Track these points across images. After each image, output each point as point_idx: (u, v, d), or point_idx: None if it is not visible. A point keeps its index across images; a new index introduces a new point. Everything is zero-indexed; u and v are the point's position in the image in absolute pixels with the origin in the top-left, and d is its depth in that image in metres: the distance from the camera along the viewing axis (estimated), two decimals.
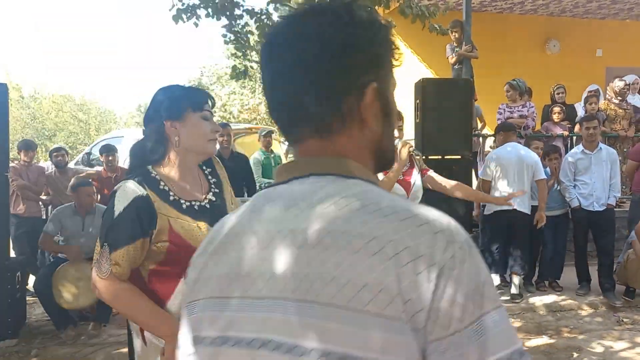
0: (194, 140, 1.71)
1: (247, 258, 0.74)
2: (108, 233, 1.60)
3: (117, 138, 10.10)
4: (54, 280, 4.57)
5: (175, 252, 1.64)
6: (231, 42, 5.70)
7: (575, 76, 9.28)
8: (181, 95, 1.73)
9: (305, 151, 0.79)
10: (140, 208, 1.60)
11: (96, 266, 1.59)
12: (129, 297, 1.62)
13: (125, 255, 1.58)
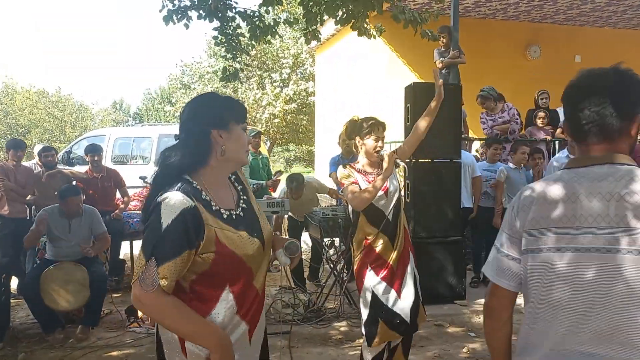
0: (237, 151, 1.75)
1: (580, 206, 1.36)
2: (155, 247, 1.56)
3: (99, 137, 10.01)
4: (42, 283, 4.50)
5: (221, 262, 1.65)
6: (222, 44, 5.67)
7: (555, 81, 9.39)
8: (226, 106, 1.77)
9: (600, 149, 1.42)
10: (188, 220, 1.58)
11: (140, 281, 1.56)
12: (176, 310, 1.59)
13: (173, 268, 1.56)
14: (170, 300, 1.58)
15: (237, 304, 1.69)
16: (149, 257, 1.57)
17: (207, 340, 1.62)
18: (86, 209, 4.99)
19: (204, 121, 1.71)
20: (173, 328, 1.64)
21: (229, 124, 1.73)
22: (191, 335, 1.63)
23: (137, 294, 1.57)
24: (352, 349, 4.36)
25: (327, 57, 13.12)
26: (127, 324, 4.88)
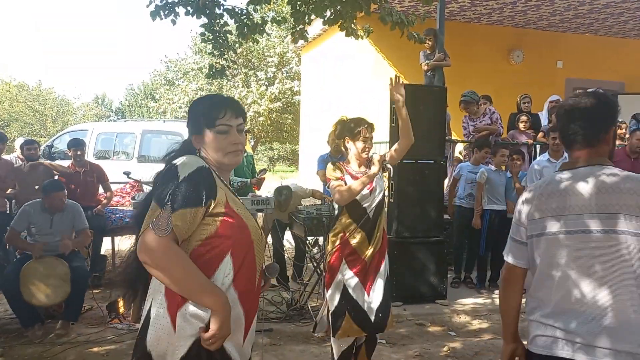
0: (212, 154, 1.80)
1: (569, 199, 1.78)
2: (172, 194, 1.60)
3: (81, 131, 9.90)
4: (22, 278, 4.45)
5: (228, 226, 1.69)
6: (209, 41, 5.65)
7: (537, 86, 9.61)
8: (200, 111, 1.83)
9: (584, 154, 1.86)
10: (204, 177, 1.66)
11: (153, 226, 1.58)
12: (185, 260, 1.60)
13: (186, 217, 1.60)
14: (181, 250, 1.61)
15: (234, 276, 1.70)
16: (164, 204, 1.60)
17: (212, 298, 1.61)
18: (68, 204, 4.95)
19: (189, 128, 1.85)
20: (179, 279, 1.60)
21: (201, 129, 1.80)
22: (196, 289, 1.61)
23: (149, 239, 1.58)
24: None
25: (313, 56, 13.14)
26: (108, 320, 4.85)
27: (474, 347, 4.47)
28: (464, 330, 4.93)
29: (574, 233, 1.76)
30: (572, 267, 1.75)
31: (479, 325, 5.04)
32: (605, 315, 1.68)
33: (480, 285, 5.99)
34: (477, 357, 4.28)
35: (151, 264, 1.59)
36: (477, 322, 5.11)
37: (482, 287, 5.98)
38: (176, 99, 21.83)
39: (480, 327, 5.00)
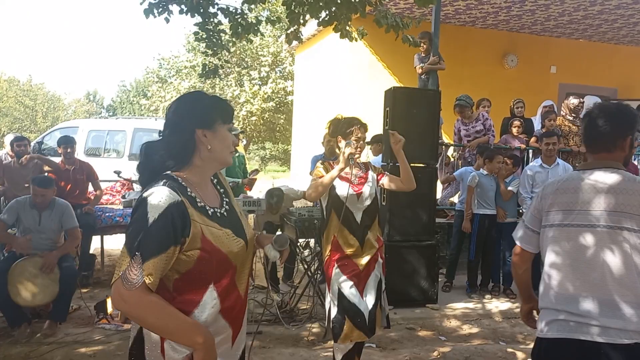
0: (221, 151, 1.75)
1: (581, 195, 2.03)
2: (141, 242, 1.53)
3: (72, 128, 9.82)
4: (10, 277, 4.39)
5: (206, 259, 1.63)
6: (203, 40, 5.61)
7: (531, 90, 9.65)
8: (212, 105, 1.76)
9: (601, 157, 2.09)
10: (175, 215, 1.57)
11: (123, 279, 1.52)
12: (159, 308, 1.55)
13: (158, 264, 1.53)
14: (154, 298, 1.55)
15: (220, 303, 1.68)
16: (133, 253, 1.53)
17: (190, 338, 1.58)
18: (58, 202, 4.88)
19: (190, 120, 1.71)
20: (156, 327, 1.59)
21: (215, 123, 1.73)
22: (174, 333, 1.59)
23: (120, 292, 1.52)
24: (324, 350, 4.37)
25: (307, 57, 13.11)
26: (96, 320, 4.79)
27: (464, 352, 4.46)
28: (454, 335, 4.93)
29: (583, 227, 2.01)
30: (578, 257, 2.01)
31: (469, 330, 5.04)
32: (608, 299, 1.92)
33: (470, 290, 5.98)
34: None
35: (125, 313, 1.59)
36: (467, 327, 5.11)
37: (472, 291, 5.97)
38: (168, 96, 21.71)
39: (471, 332, 4.99)
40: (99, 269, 6.66)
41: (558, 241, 2.06)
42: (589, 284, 1.96)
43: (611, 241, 1.95)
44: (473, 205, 5.93)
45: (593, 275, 1.96)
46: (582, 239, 2.00)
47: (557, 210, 2.09)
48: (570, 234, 2.03)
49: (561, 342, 1.98)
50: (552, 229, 2.10)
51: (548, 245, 2.11)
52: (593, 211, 2.00)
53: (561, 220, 2.07)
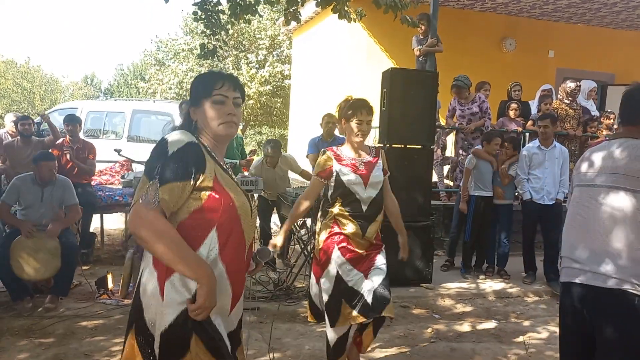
0: (207, 124, 1.87)
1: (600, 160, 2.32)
2: (160, 169, 1.67)
3: (71, 109, 9.82)
4: (12, 252, 4.46)
5: (214, 200, 1.74)
6: (201, 20, 5.62)
7: (528, 74, 9.67)
8: (197, 84, 1.91)
9: (627, 129, 2.34)
10: (192, 152, 1.72)
11: (143, 198, 1.65)
12: (172, 233, 1.65)
13: (173, 190, 1.66)
14: (167, 223, 1.66)
15: (219, 248, 1.75)
16: (152, 177, 1.67)
17: (197, 270, 1.66)
18: (60, 179, 4.94)
19: (190, 102, 1.93)
20: (164, 252, 1.65)
21: (200, 100, 1.87)
22: (181, 262, 1.65)
23: (138, 211, 1.64)
24: (319, 326, 4.45)
25: (305, 39, 13.08)
26: (97, 296, 4.88)
27: (457, 329, 4.56)
28: (448, 314, 5.02)
29: (591, 186, 2.31)
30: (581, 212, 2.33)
31: (462, 309, 5.14)
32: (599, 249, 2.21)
33: (465, 270, 6.07)
34: (460, 338, 4.37)
35: (139, 235, 1.64)
36: (461, 306, 5.21)
37: (467, 272, 6.05)
38: (166, 79, 21.62)
39: (464, 311, 5.09)
40: (99, 247, 6.74)
41: (574, 199, 2.40)
42: (585, 235, 2.29)
43: (609, 198, 2.22)
44: (470, 187, 6.00)
45: (590, 228, 2.27)
46: (586, 196, 2.32)
47: (579, 172, 2.41)
48: (581, 192, 2.36)
49: (566, 285, 2.35)
50: (576, 188, 2.42)
51: (569, 203, 2.48)
52: (602, 173, 2.28)
53: (579, 181, 2.39)
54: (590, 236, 2.26)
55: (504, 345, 4.19)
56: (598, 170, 2.30)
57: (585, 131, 7.53)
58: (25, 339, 3.96)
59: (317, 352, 3.89)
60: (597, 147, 2.40)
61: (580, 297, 2.27)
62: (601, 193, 2.25)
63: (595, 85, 8.35)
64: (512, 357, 3.95)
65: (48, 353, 3.72)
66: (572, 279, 2.31)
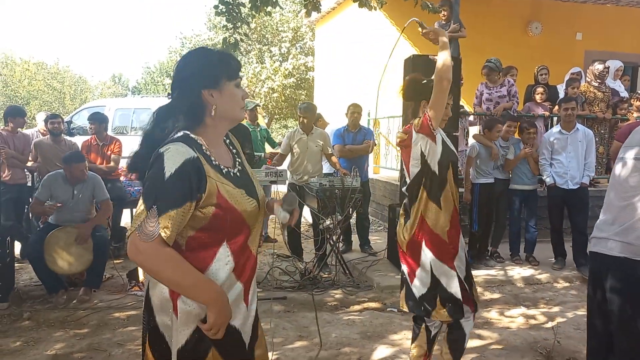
0: (230, 109, 1.73)
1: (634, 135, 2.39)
2: (158, 195, 1.53)
3: (99, 107, 10.04)
4: (46, 246, 4.61)
5: (221, 216, 1.63)
6: (223, 14, 5.67)
7: (556, 58, 9.46)
8: (217, 62, 1.70)
9: None
10: (191, 170, 1.56)
11: (139, 230, 1.51)
12: (175, 262, 1.55)
13: (174, 218, 1.52)
14: (169, 251, 1.55)
15: (234, 262, 1.68)
16: (150, 206, 1.52)
17: (204, 294, 1.59)
18: (90, 176, 5.07)
19: (196, 81, 1.68)
20: (170, 280, 1.58)
21: (221, 82, 1.69)
22: (188, 288, 1.58)
23: (136, 243, 1.52)
24: (345, 314, 4.49)
25: (327, 30, 13.06)
26: (129, 288, 5.00)
27: (485, 316, 4.54)
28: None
29: (623, 160, 2.36)
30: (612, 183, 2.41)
31: (490, 296, 5.10)
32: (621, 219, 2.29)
33: (472, 260, 5.78)
34: (488, 325, 4.35)
35: (140, 265, 1.58)
36: (488, 293, 5.17)
37: (476, 262, 5.84)
38: None
39: (492, 298, 5.06)
40: None
41: (615, 172, 2.45)
42: (611, 205, 2.37)
43: (635, 171, 2.29)
44: (471, 175, 5.91)
45: (614, 198, 2.35)
46: (618, 169, 2.39)
47: (626, 146, 2.44)
48: (616, 165, 2.42)
49: (591, 255, 2.46)
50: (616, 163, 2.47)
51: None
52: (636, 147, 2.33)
53: (623, 154, 2.43)
54: (614, 207, 2.34)
55: (532, 331, 4.16)
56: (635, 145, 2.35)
57: (615, 114, 7.36)
58: (61, 330, 4.09)
59: (344, 339, 3.92)
60: None
61: (603, 266, 2.37)
62: (630, 165, 2.30)
63: (622, 64, 8.15)
64: (541, 343, 3.91)
65: (83, 343, 3.83)
66: (595, 248, 2.41)
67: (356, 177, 5.50)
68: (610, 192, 2.42)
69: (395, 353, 3.69)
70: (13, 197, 5.93)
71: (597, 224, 2.44)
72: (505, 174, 6.02)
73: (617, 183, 2.37)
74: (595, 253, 2.41)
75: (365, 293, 5.08)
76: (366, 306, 4.74)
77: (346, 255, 6.08)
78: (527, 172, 5.97)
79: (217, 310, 1.59)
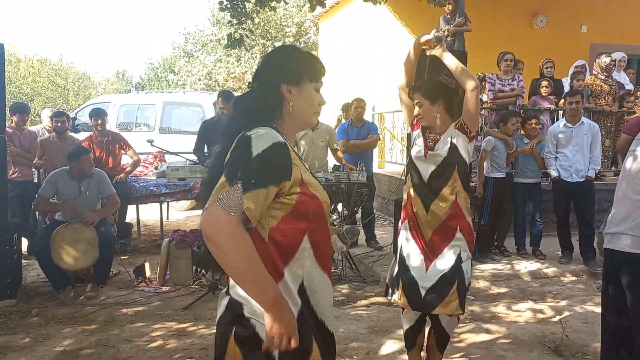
0: (304, 110, 1.71)
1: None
2: (243, 172, 1.46)
3: (103, 104, 10.03)
4: (53, 243, 4.62)
5: (305, 204, 1.58)
6: (227, 10, 5.65)
7: (561, 51, 9.40)
8: (301, 61, 1.71)
9: None
10: (279, 155, 1.51)
11: (221, 202, 1.43)
12: (249, 247, 1.45)
13: (257, 199, 1.46)
14: (246, 234, 1.46)
15: (315, 254, 1.62)
16: (234, 181, 1.45)
17: (264, 293, 1.48)
18: (95, 172, 5.08)
19: (277, 74, 1.67)
20: (235, 265, 1.46)
21: (302, 81, 1.68)
22: (250, 281, 1.48)
23: (216, 214, 1.42)
24: (353, 309, 4.49)
25: (331, 25, 13.02)
26: (136, 284, 5.02)
27: (493, 310, 4.53)
28: (483, 295, 4.98)
29: (633, 152, 2.33)
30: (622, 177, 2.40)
31: (497, 290, 5.09)
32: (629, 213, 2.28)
33: (479, 254, 5.80)
34: (495, 319, 4.34)
35: (214, 240, 1.43)
36: (495, 287, 5.16)
37: (482, 256, 5.83)
38: (195, 71, 21.85)
39: (499, 292, 5.05)
40: (135, 238, 6.91)
41: (625, 165, 2.43)
42: (624, 199, 2.34)
43: None
44: (487, 169, 5.88)
45: (628, 192, 2.32)
46: (629, 163, 2.37)
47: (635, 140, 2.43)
48: (628, 159, 2.39)
49: (606, 251, 2.44)
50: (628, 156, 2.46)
51: None
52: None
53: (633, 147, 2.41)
54: (621, 200, 2.34)
55: (540, 326, 4.15)
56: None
57: (622, 106, 7.31)
58: (69, 326, 4.10)
59: (352, 334, 3.92)
60: None
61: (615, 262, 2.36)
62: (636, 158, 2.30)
63: (624, 55, 8.10)
64: (549, 337, 3.90)
65: (91, 339, 3.85)
66: (609, 245, 2.39)
67: (362, 172, 5.49)
68: (621, 185, 2.39)
69: (403, 348, 3.69)
70: (20, 194, 5.96)
71: (610, 219, 2.40)
72: (509, 168, 6.00)
73: (629, 177, 2.34)
74: (610, 250, 2.39)
75: (372, 288, 5.09)
76: (373, 301, 4.74)
77: (352, 250, 6.07)
78: (531, 166, 5.94)
79: (274, 315, 1.48)
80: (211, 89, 19.77)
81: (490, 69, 7.23)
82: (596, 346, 3.67)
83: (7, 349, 3.69)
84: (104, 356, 3.59)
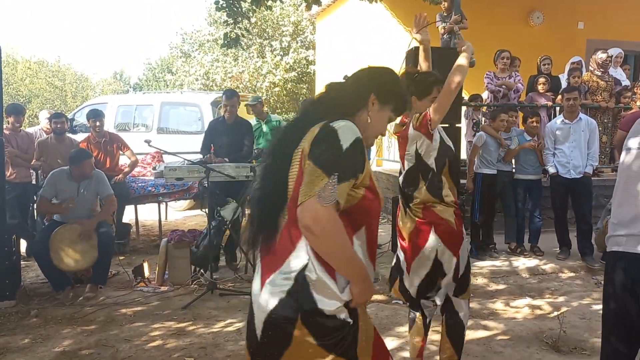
0: (374, 126, 1.81)
1: None
2: (338, 164, 1.56)
3: (101, 104, 10.02)
4: (52, 244, 4.63)
5: (369, 199, 1.67)
6: (223, 9, 5.65)
7: (558, 48, 9.41)
8: (397, 90, 1.84)
9: None
10: (361, 149, 1.62)
11: (320, 195, 1.51)
12: (344, 232, 1.57)
13: (345, 189, 1.57)
14: (340, 221, 1.56)
15: (367, 246, 1.70)
16: (331, 173, 1.54)
17: (357, 270, 1.62)
18: (94, 172, 5.09)
19: (374, 84, 1.80)
20: (336, 251, 1.57)
21: (387, 103, 1.81)
22: (346, 261, 1.59)
23: (315, 208, 1.51)
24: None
25: (327, 24, 13.02)
26: (135, 284, 5.03)
27: (491, 307, 4.55)
28: (481, 292, 5.00)
29: (629, 149, 2.24)
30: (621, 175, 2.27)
31: (495, 287, 5.11)
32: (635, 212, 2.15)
33: (476, 252, 5.81)
34: (492, 315, 4.36)
35: (315, 230, 1.52)
36: (494, 284, 5.18)
37: (478, 253, 5.84)
38: (192, 71, 21.84)
39: (497, 288, 5.06)
40: (134, 238, 6.92)
41: (623, 163, 2.33)
42: (621, 197, 2.25)
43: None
44: (475, 165, 5.89)
45: (623, 189, 2.24)
46: (626, 160, 2.27)
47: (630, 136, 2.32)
48: (624, 156, 2.31)
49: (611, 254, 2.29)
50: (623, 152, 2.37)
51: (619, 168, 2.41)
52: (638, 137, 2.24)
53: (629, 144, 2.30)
54: (626, 199, 2.21)
55: (538, 322, 4.16)
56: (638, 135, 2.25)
57: (618, 102, 7.32)
58: (69, 327, 4.11)
59: None
60: None
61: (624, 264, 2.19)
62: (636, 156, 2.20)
63: (621, 52, 8.11)
64: (547, 332, 3.92)
65: (90, 339, 3.86)
66: (613, 247, 2.24)
67: None
68: (620, 182, 2.29)
69: (401, 345, 3.71)
70: (18, 195, 5.96)
71: (618, 220, 2.24)
72: (509, 165, 6.01)
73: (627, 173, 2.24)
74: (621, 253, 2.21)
75: None
76: (372, 298, 4.74)
77: None
78: (531, 162, 5.95)
79: (359, 289, 1.61)
80: (209, 88, 19.76)
81: (487, 67, 7.23)
82: (594, 341, 3.69)
83: (7, 350, 3.70)
84: (103, 356, 3.59)
